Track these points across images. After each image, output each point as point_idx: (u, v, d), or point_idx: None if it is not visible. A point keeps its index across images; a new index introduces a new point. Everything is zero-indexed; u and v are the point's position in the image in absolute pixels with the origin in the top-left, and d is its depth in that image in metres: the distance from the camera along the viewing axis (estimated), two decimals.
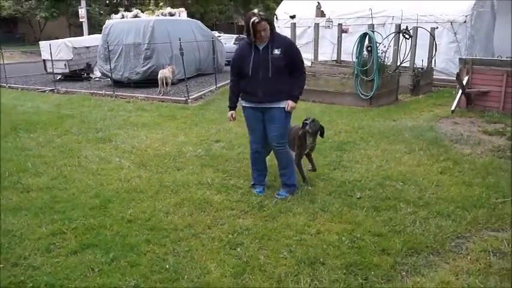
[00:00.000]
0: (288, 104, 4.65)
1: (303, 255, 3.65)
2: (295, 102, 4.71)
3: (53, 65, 15.23)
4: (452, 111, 9.03)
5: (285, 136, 4.85)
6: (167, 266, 3.51)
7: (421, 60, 12.12)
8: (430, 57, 12.31)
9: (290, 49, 4.65)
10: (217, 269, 3.48)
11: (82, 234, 4.05)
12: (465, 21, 13.13)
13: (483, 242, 3.89)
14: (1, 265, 3.54)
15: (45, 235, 4.05)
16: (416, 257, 3.65)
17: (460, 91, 9.23)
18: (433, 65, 12.51)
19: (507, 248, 3.77)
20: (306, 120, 5.02)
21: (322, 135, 5.19)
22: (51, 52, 15.03)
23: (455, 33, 13.22)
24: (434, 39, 12.04)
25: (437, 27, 12.65)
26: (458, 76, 9.22)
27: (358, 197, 4.86)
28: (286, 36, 4.74)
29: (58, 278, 3.36)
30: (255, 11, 4.56)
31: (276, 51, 4.53)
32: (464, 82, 9.20)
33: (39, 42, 17.35)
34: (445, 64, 13.31)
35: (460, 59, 9.94)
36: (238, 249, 3.78)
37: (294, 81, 4.66)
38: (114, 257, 3.63)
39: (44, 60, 16.59)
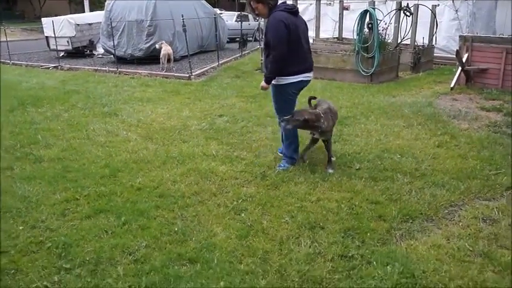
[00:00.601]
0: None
1: (304, 220, 3.86)
2: (265, 82, 4.76)
3: (56, 42, 15.30)
4: (452, 88, 9.16)
5: (282, 110, 4.92)
6: (176, 229, 3.73)
7: (422, 38, 12.19)
8: (431, 34, 12.38)
9: (267, 27, 4.72)
10: (222, 231, 3.71)
11: (94, 201, 4.28)
12: None
13: (475, 210, 4.09)
14: (20, 227, 3.77)
15: (60, 201, 4.28)
16: (410, 223, 3.86)
17: (460, 68, 9.34)
18: (433, 43, 12.59)
19: (497, 215, 3.97)
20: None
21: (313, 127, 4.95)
22: (54, 29, 15.08)
23: (456, 10, 13.26)
24: (435, 16, 12.09)
25: (438, 5, 12.69)
26: (458, 53, 9.33)
27: (357, 168, 5.06)
28: (275, 15, 4.66)
29: (74, 238, 3.58)
30: None
31: (265, 29, 4.79)
32: (464, 59, 9.30)
33: (42, 19, 17.35)
34: (446, 42, 13.38)
35: (460, 36, 10.03)
36: (243, 215, 3.99)
37: None
38: (126, 221, 3.85)
39: (46, 37, 16.67)
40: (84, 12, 25.23)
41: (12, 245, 3.52)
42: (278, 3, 4.82)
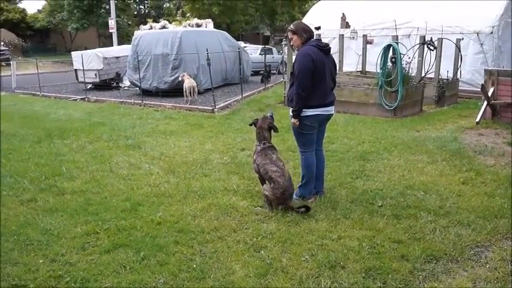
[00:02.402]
0: None
1: (324, 258, 3.78)
2: (294, 117, 4.86)
3: (84, 74, 15.72)
4: (477, 123, 9.01)
5: (299, 143, 5.08)
6: (194, 266, 3.69)
7: (446, 71, 12.10)
8: (456, 68, 12.29)
9: (295, 59, 4.87)
10: (241, 269, 3.65)
11: (114, 235, 4.29)
12: (492, 32, 13.06)
13: (503, 251, 3.94)
14: (41, 260, 3.79)
15: (80, 234, 4.31)
16: (434, 264, 3.74)
17: (485, 102, 9.21)
18: (458, 76, 12.48)
19: None
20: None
21: None
22: (82, 62, 15.53)
23: (481, 44, 13.16)
24: (459, 50, 12.03)
25: (462, 38, 12.62)
26: (483, 87, 9.22)
27: (380, 205, 4.97)
28: (304, 48, 4.81)
29: (92, 273, 3.59)
30: None
31: (294, 60, 4.92)
32: (490, 93, 9.18)
33: (71, 52, 17.95)
34: (471, 75, 13.24)
35: (485, 70, 9.93)
36: (262, 252, 3.94)
37: None
38: (145, 256, 3.84)
39: (75, 70, 17.16)
40: (112, 45, 25.96)
41: (31, 278, 3.53)
42: (313, 39, 4.93)
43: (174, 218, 4.68)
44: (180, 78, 12.95)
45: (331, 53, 5.05)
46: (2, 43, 33.24)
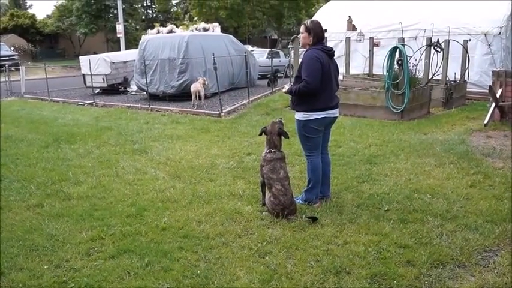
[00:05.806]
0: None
1: (329, 264, 3.75)
2: (287, 91, 4.95)
3: (92, 79, 15.81)
4: (485, 125, 8.94)
5: (305, 147, 5.07)
6: (198, 272, 3.68)
7: (453, 73, 12.02)
8: (463, 70, 12.21)
9: (302, 62, 4.86)
10: (246, 275, 3.63)
11: (119, 240, 4.29)
12: (500, 33, 12.97)
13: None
14: (45, 266, 3.80)
15: (85, 240, 4.31)
16: (441, 269, 3.70)
17: (494, 104, 9.13)
18: (466, 78, 12.39)
19: None
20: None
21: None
22: (90, 67, 15.61)
23: (489, 45, 13.07)
24: (467, 51, 11.95)
25: (470, 40, 12.55)
26: (491, 89, 9.14)
27: (386, 209, 4.93)
28: (312, 52, 4.80)
29: (97, 280, 3.58)
30: None
31: (300, 64, 4.93)
32: (498, 95, 9.10)
33: (79, 57, 18.07)
34: (479, 77, 13.15)
35: (493, 71, 9.86)
36: (267, 258, 3.92)
37: None
38: (149, 262, 3.83)
39: (83, 75, 17.27)
40: (120, 50, 26.13)
41: (36, 284, 3.54)
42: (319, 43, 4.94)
43: (179, 223, 4.67)
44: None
45: (336, 56, 5.04)
46: (12, 48, 33.56)
